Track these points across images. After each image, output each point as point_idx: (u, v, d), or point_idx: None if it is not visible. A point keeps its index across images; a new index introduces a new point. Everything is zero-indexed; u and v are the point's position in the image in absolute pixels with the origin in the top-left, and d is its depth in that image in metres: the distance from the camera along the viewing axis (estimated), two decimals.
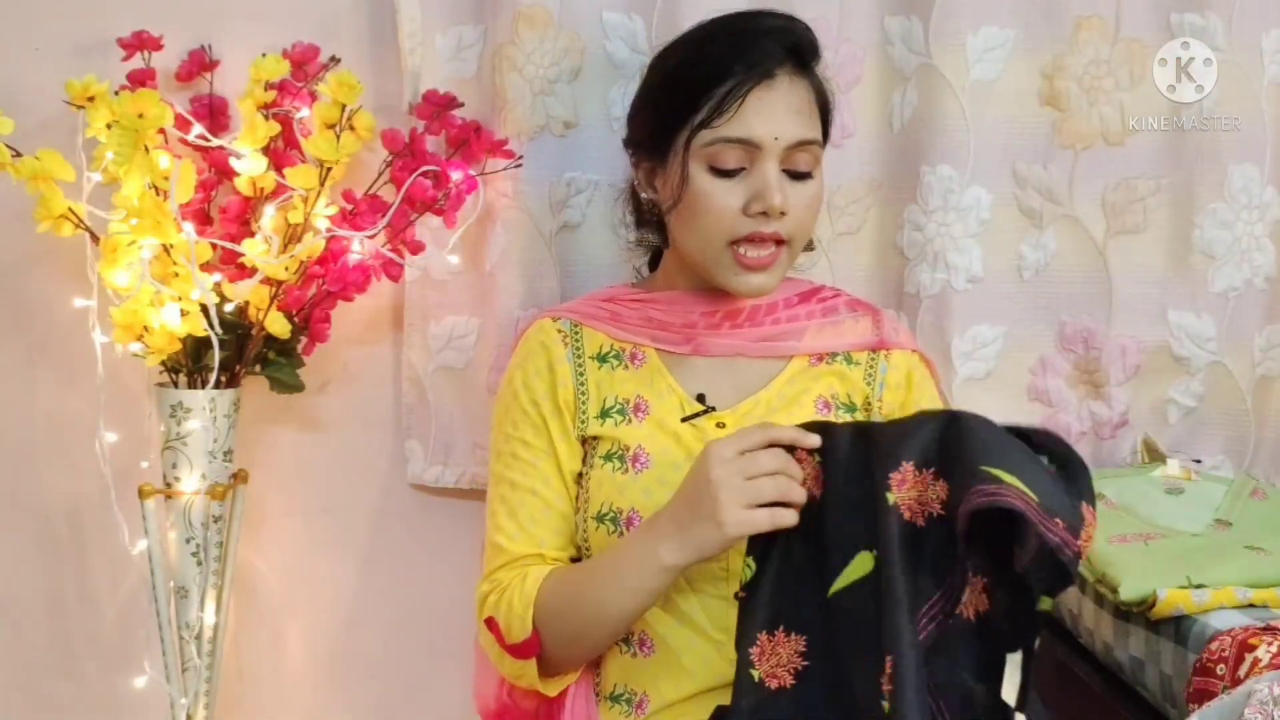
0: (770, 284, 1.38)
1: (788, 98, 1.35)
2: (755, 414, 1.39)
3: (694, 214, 1.36)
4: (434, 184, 1.60)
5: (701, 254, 1.38)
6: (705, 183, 1.35)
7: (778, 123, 1.34)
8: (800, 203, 1.36)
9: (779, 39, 1.36)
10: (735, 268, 1.36)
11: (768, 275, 1.37)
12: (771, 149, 1.34)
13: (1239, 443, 1.74)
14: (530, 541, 1.38)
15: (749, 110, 1.33)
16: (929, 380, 1.48)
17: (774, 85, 1.34)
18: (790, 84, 1.35)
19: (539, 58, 1.64)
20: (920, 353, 1.48)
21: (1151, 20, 1.68)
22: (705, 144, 1.34)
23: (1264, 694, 1.06)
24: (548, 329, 1.45)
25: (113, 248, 1.50)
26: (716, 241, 1.36)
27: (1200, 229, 1.69)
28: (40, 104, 1.63)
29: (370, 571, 1.81)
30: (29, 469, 1.75)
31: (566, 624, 1.31)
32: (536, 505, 1.39)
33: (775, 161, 1.34)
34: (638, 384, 1.41)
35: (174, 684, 1.61)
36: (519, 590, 1.33)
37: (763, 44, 1.35)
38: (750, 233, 1.35)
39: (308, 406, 1.76)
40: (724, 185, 1.35)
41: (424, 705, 1.81)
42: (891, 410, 1.43)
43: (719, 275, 1.38)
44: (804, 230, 1.39)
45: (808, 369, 1.43)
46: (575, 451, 1.40)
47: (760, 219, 1.34)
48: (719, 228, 1.35)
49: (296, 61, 1.63)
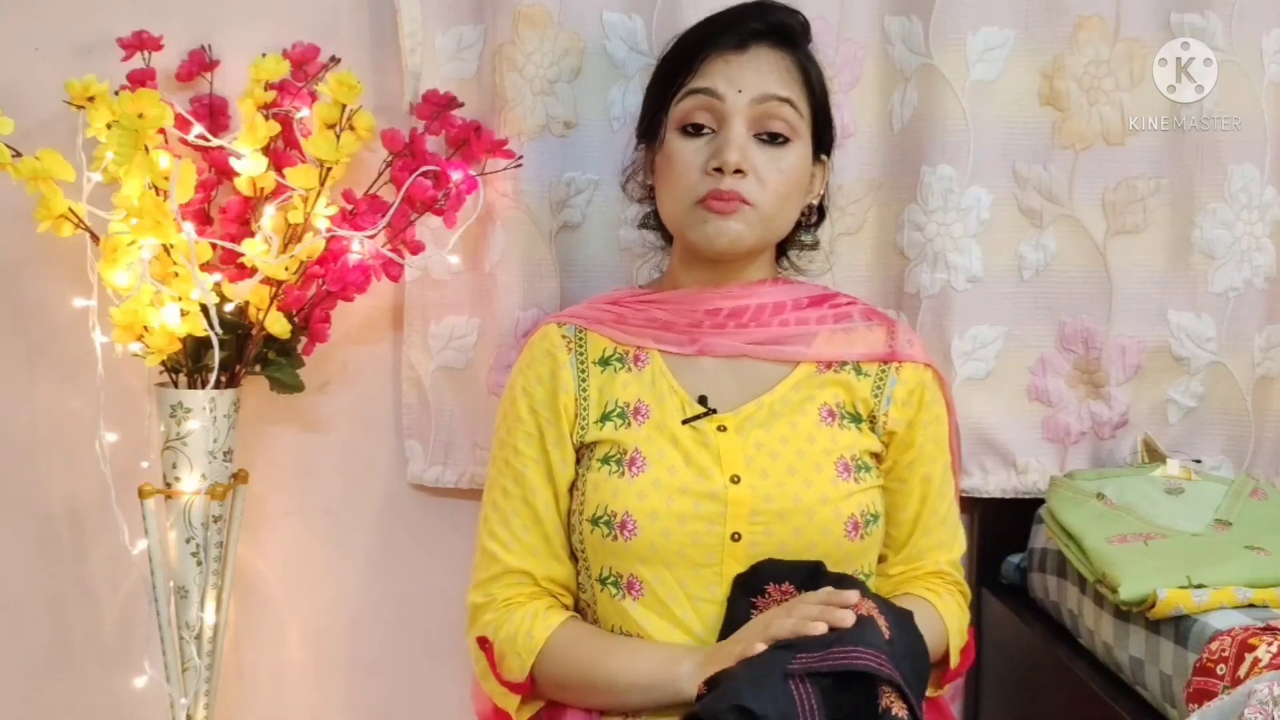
0: (736, 230, 1.37)
1: (757, 62, 1.38)
2: (757, 417, 1.39)
3: (666, 178, 1.39)
4: (434, 184, 1.60)
5: (676, 221, 1.40)
6: (676, 143, 1.38)
7: (743, 79, 1.36)
8: (770, 168, 1.36)
9: (757, 17, 1.39)
10: (703, 214, 1.37)
11: (734, 221, 1.36)
12: (735, 102, 1.35)
13: (1239, 443, 1.74)
14: (522, 551, 1.40)
15: (714, 67, 1.37)
16: (938, 397, 1.46)
17: (744, 52, 1.38)
18: (762, 53, 1.38)
19: (539, 58, 1.64)
20: (933, 367, 1.47)
21: (1151, 20, 1.68)
22: (676, 102, 1.38)
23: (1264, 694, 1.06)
24: (552, 335, 1.45)
25: (113, 248, 1.50)
26: (686, 201, 1.38)
27: (1200, 229, 1.69)
28: (40, 104, 1.63)
29: (370, 571, 1.81)
30: (29, 469, 1.75)
31: (565, 689, 1.36)
32: (528, 515, 1.41)
33: (743, 121, 1.36)
34: (639, 387, 1.41)
35: (174, 684, 1.61)
36: (524, 633, 1.36)
37: (742, 21, 1.38)
38: (709, 190, 1.36)
39: (308, 406, 1.76)
40: (692, 145, 1.37)
41: (424, 705, 1.81)
42: (896, 427, 1.42)
43: (692, 235, 1.39)
44: (776, 197, 1.38)
45: (815, 375, 1.42)
46: (570, 460, 1.41)
47: (717, 176, 1.35)
48: (685, 187, 1.37)
49: (296, 61, 1.63)
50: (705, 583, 1.34)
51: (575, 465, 1.41)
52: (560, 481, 1.41)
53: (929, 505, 1.44)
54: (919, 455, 1.43)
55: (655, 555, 1.34)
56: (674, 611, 1.35)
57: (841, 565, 1.37)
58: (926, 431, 1.44)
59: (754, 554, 1.33)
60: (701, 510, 1.33)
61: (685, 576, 1.34)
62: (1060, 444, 1.74)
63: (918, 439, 1.43)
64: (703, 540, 1.33)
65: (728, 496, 1.34)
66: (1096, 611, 1.50)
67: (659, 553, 1.34)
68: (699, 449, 1.36)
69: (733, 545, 1.33)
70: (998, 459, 1.73)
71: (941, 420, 1.46)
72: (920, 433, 1.43)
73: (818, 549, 1.34)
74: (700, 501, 1.34)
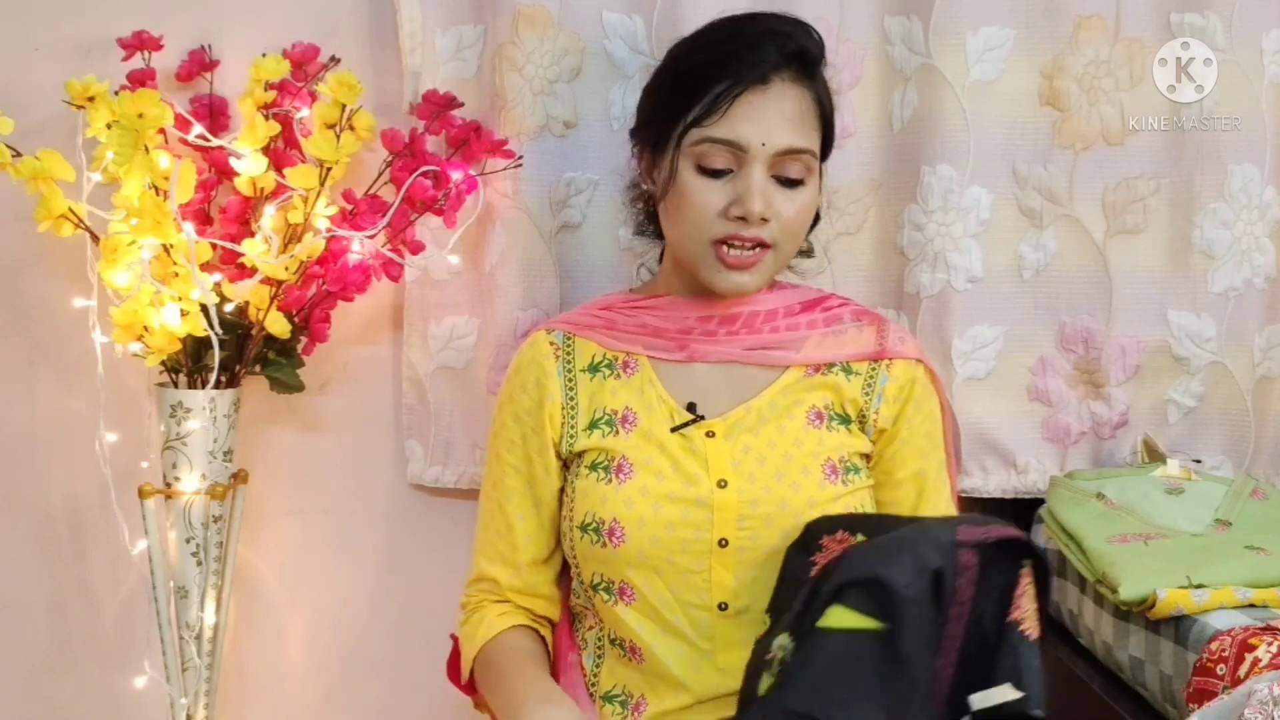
0: (752, 284, 1.37)
1: (780, 103, 1.34)
2: (745, 422, 1.39)
3: (679, 210, 1.36)
4: (434, 184, 1.60)
5: (686, 250, 1.38)
6: (691, 180, 1.35)
7: (767, 128, 1.33)
8: (788, 210, 1.35)
9: (779, 44, 1.35)
10: (717, 265, 1.36)
11: (749, 275, 1.36)
12: (759, 154, 1.33)
13: (1239, 443, 1.74)
14: (493, 557, 1.45)
15: (738, 113, 1.32)
16: (930, 393, 1.45)
17: (767, 90, 1.33)
18: (785, 90, 1.34)
19: (539, 58, 1.64)
20: (925, 362, 1.46)
21: (1151, 20, 1.68)
22: (694, 142, 1.34)
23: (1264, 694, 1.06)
24: (540, 342, 1.45)
25: (113, 248, 1.50)
26: (699, 239, 1.36)
27: (1200, 229, 1.69)
28: (40, 104, 1.63)
29: (370, 571, 1.81)
30: (29, 469, 1.75)
31: (489, 697, 1.40)
32: (502, 522, 1.44)
33: (763, 167, 1.33)
34: (628, 394, 1.41)
35: (174, 684, 1.61)
36: (468, 637, 1.43)
37: (763, 47, 1.34)
38: (729, 234, 1.34)
39: (308, 406, 1.76)
40: (709, 185, 1.34)
41: (424, 705, 1.81)
42: (885, 424, 1.42)
43: (703, 271, 1.38)
44: (792, 236, 1.38)
45: (803, 379, 1.42)
46: (553, 468, 1.42)
47: (739, 223, 1.33)
48: (701, 226, 1.35)
49: (296, 61, 1.63)
50: (695, 589, 1.34)
51: (564, 473, 1.43)
52: (541, 490, 1.42)
53: (925, 501, 1.43)
54: (911, 450, 1.43)
55: (644, 561, 1.34)
56: (665, 617, 1.35)
57: None
58: (917, 426, 1.43)
59: (742, 560, 1.33)
60: (689, 517, 1.34)
61: (675, 583, 1.34)
62: (1060, 444, 1.73)
63: (907, 433, 1.42)
64: (691, 547, 1.33)
65: (714, 502, 1.34)
66: (1096, 611, 1.50)
67: (648, 559, 1.34)
68: (686, 455, 1.36)
69: (720, 552, 1.33)
70: (998, 459, 1.73)
71: (935, 417, 1.46)
72: (909, 427, 1.42)
73: None
74: (687, 508, 1.34)
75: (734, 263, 1.35)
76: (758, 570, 1.33)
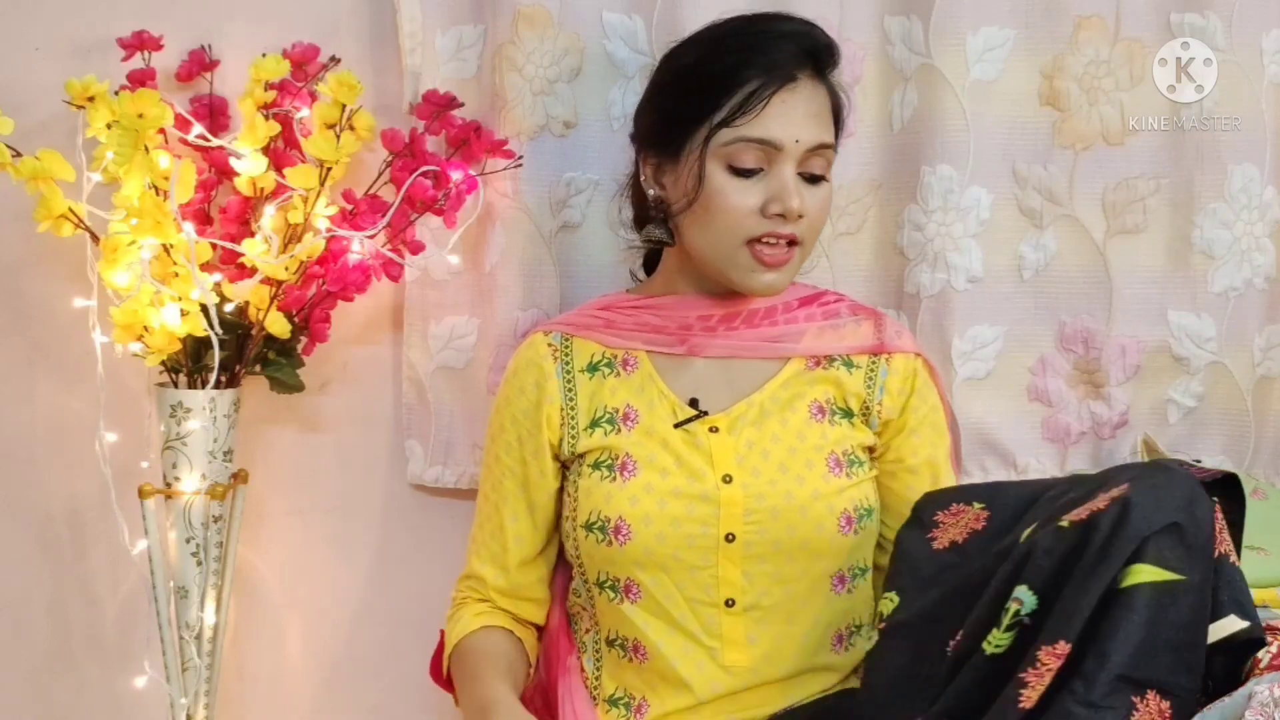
0: (782, 282, 1.39)
1: (808, 102, 1.36)
2: (748, 416, 1.39)
3: (709, 212, 1.36)
4: (434, 184, 1.60)
5: (714, 253, 1.38)
6: (723, 181, 1.35)
7: (798, 126, 1.34)
8: (814, 205, 1.37)
9: (800, 42, 1.37)
10: (752, 264, 1.36)
11: (781, 273, 1.37)
12: (791, 151, 1.34)
13: (1239, 443, 1.74)
14: (483, 556, 1.47)
15: (772, 112, 1.33)
16: (930, 385, 1.47)
17: (796, 89, 1.35)
18: (811, 88, 1.37)
19: (539, 58, 1.64)
20: (923, 356, 1.48)
21: (1151, 20, 1.68)
22: (725, 143, 1.34)
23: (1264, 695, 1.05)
24: (538, 344, 1.46)
25: (113, 248, 1.50)
26: (732, 240, 1.36)
27: (1200, 229, 1.69)
28: (40, 104, 1.63)
29: (370, 571, 1.81)
30: (29, 469, 1.75)
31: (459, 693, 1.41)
32: (495, 522, 1.45)
33: (793, 164, 1.35)
34: (628, 392, 1.41)
35: (174, 684, 1.61)
36: (450, 631, 1.46)
37: (784, 47, 1.36)
38: (765, 233, 1.35)
39: (308, 406, 1.76)
40: (741, 185, 1.35)
41: (424, 705, 1.81)
42: (891, 415, 1.44)
43: (733, 274, 1.38)
44: (815, 232, 1.39)
45: (804, 372, 1.43)
46: (549, 470, 1.42)
47: (777, 220, 1.34)
48: (735, 227, 1.35)
49: (296, 61, 1.63)
50: (702, 585, 1.34)
51: (563, 474, 1.43)
52: (536, 492, 1.43)
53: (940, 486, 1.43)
54: (920, 439, 1.44)
55: (651, 559, 1.34)
56: (671, 614, 1.35)
57: (837, 560, 1.37)
58: (924, 416, 1.45)
59: (749, 554, 1.33)
60: (694, 512, 1.34)
61: (682, 579, 1.34)
62: (1060, 444, 1.73)
63: (914, 422, 1.44)
64: (697, 542, 1.34)
65: (720, 497, 1.34)
66: None
67: (654, 556, 1.34)
68: (691, 451, 1.37)
69: (727, 547, 1.33)
70: (998, 459, 1.73)
71: (938, 408, 1.48)
72: (916, 416, 1.44)
73: (812, 546, 1.35)
74: (693, 504, 1.34)
75: (770, 260, 1.36)
76: (764, 565, 1.34)
